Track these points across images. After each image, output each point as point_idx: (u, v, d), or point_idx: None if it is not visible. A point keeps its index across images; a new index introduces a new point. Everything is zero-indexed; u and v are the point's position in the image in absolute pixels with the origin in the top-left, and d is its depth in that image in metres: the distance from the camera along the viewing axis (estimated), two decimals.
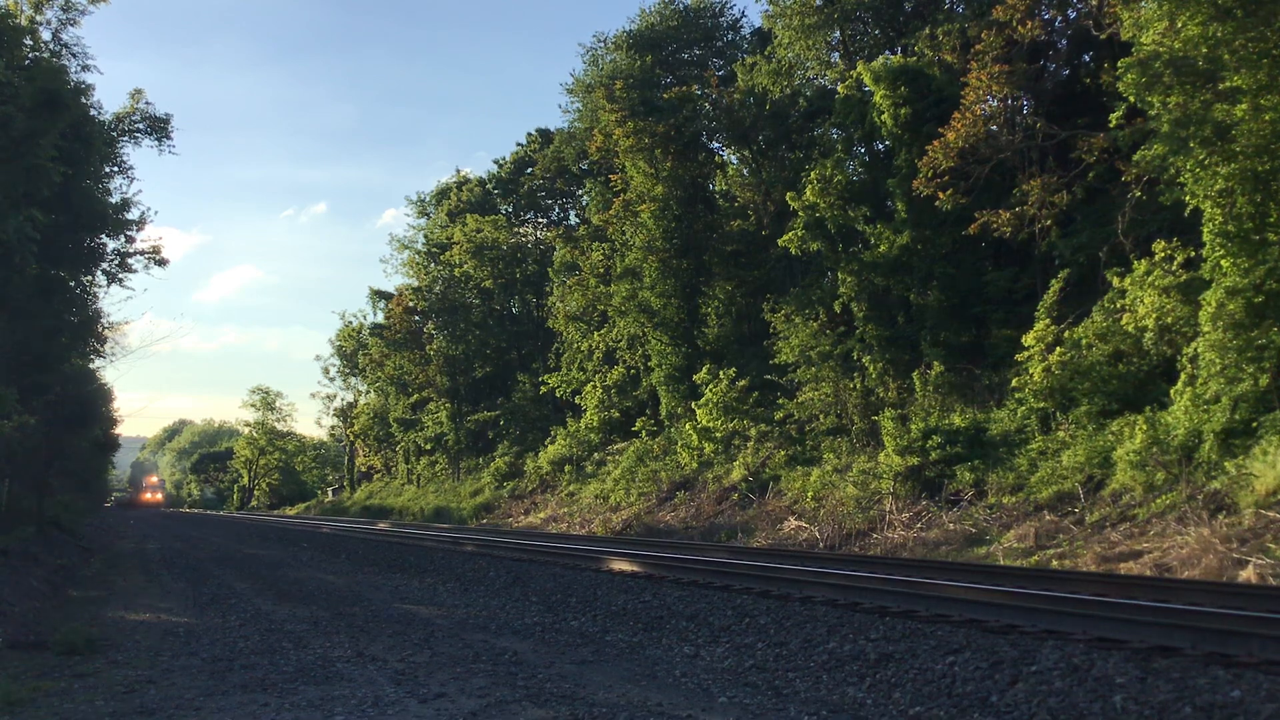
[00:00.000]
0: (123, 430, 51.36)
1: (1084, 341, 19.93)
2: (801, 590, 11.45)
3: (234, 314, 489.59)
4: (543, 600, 13.16)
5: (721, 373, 31.18)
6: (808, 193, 27.92)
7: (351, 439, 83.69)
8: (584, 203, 52.28)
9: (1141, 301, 18.90)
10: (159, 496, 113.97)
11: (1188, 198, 16.54)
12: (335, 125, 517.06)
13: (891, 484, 21.63)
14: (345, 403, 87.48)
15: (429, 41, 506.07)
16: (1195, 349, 16.86)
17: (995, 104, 24.29)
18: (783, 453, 28.08)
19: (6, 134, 17.73)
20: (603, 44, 45.67)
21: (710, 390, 31.03)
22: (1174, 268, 18.55)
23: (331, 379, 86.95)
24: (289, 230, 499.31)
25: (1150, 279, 18.72)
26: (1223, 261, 15.86)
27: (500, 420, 54.01)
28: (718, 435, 30.63)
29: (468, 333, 57.52)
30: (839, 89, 29.77)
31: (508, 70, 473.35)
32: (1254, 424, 15.26)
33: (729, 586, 12.35)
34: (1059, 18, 24.45)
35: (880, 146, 28.93)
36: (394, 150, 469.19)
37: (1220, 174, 15.57)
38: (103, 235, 25.02)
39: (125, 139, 27.43)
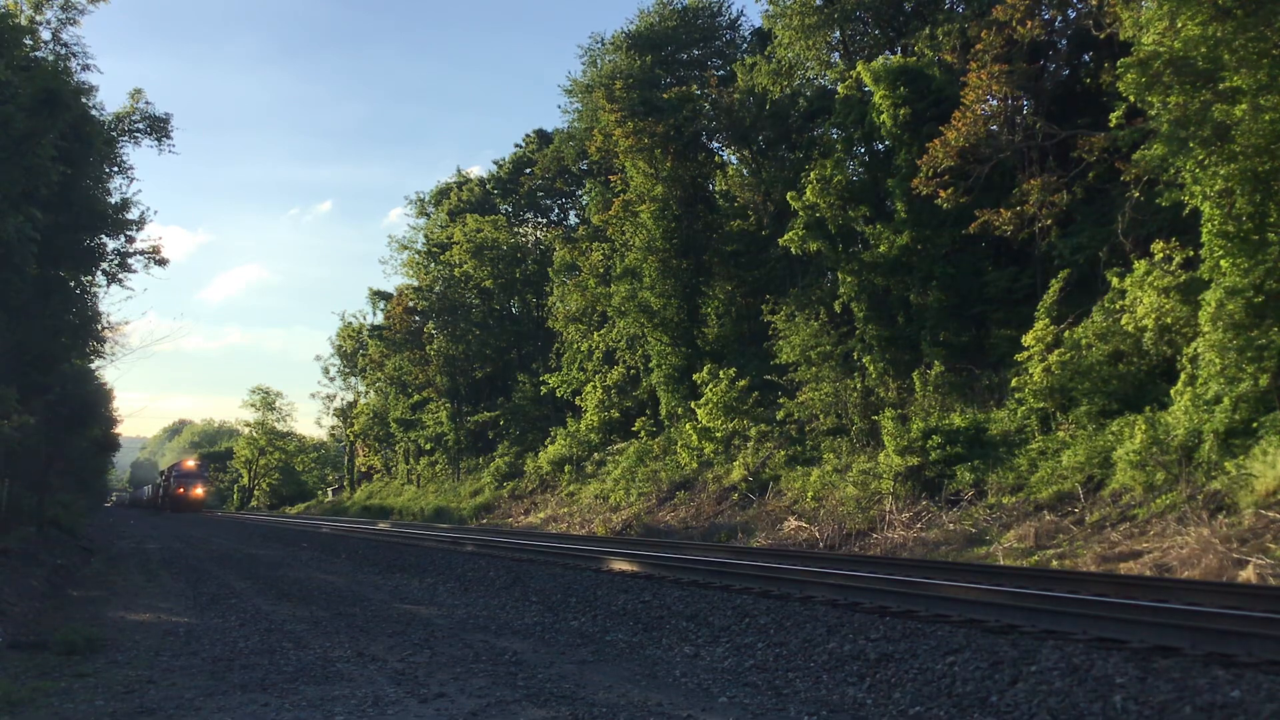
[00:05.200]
0: (123, 430, 51.30)
1: (1084, 341, 19.92)
2: (802, 590, 11.45)
3: (238, 314, 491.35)
4: (543, 600, 13.15)
5: (721, 373, 31.18)
6: (808, 193, 27.92)
7: (351, 439, 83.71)
8: (584, 203, 52.28)
9: (1141, 301, 18.90)
10: (199, 492, 77.93)
11: (1187, 198, 16.54)
12: (343, 124, 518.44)
13: (891, 484, 21.63)
14: (345, 403, 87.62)
15: (439, 40, 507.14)
16: (1195, 349, 16.86)
17: (995, 104, 24.28)
18: (783, 453, 28.07)
19: (6, 134, 17.72)
20: (601, 44, 45.74)
21: (710, 390, 31.03)
22: (1173, 268, 18.56)
23: (331, 379, 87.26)
24: (294, 229, 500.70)
25: (1150, 279, 18.72)
26: (1222, 262, 15.86)
27: (500, 420, 54.02)
28: (718, 435, 30.63)
29: (468, 333, 57.54)
30: (839, 89, 29.77)
31: (518, 69, 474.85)
32: (1254, 424, 15.26)
33: (729, 586, 12.35)
34: (1059, 18, 24.44)
35: (880, 146, 28.93)
36: (401, 149, 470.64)
37: (1220, 174, 15.57)
38: (102, 235, 24.98)
39: (125, 139, 27.41)
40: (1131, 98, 17.23)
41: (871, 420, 25.50)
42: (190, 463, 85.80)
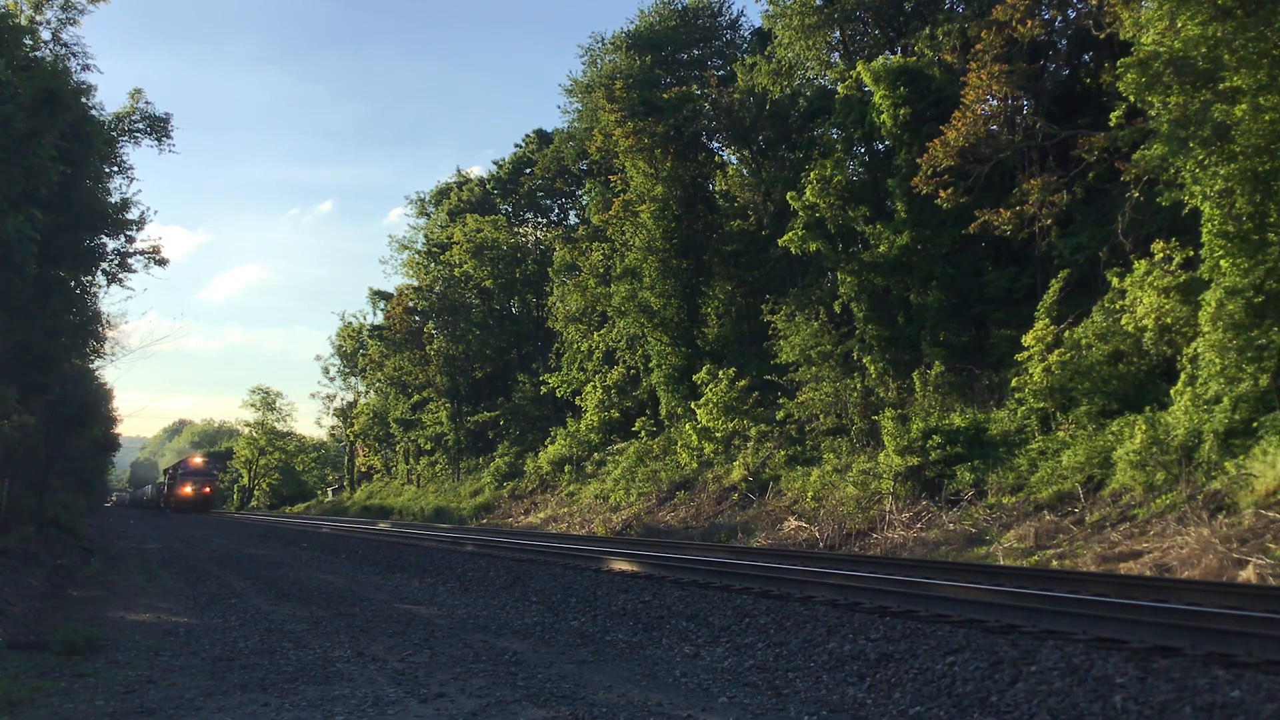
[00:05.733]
0: (123, 430, 51.42)
1: (1084, 341, 19.93)
2: (802, 590, 11.45)
3: (238, 314, 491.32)
4: (543, 600, 13.16)
5: (721, 373, 31.18)
6: (808, 193, 27.92)
7: (351, 439, 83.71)
8: (584, 203, 52.29)
9: (1141, 301, 18.90)
10: (208, 491, 76.37)
11: (1187, 198, 16.54)
12: (343, 124, 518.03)
13: (891, 484, 21.63)
14: (345, 403, 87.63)
15: (439, 40, 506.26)
16: (1195, 349, 16.86)
17: (995, 104, 24.28)
18: (783, 453, 28.07)
19: (6, 134, 17.72)
20: (601, 44, 45.75)
21: (710, 390, 31.03)
22: (1173, 268, 18.57)
23: (331, 379, 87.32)
24: (294, 229, 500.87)
25: (1150, 279, 18.73)
26: (1222, 262, 15.86)
27: (500, 420, 54.02)
28: (718, 435, 30.63)
29: (468, 333, 57.54)
30: (839, 89, 29.77)
31: (518, 69, 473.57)
32: (1254, 424, 15.26)
33: (729, 586, 12.35)
34: (1059, 18, 24.43)
35: (880, 146, 28.93)
36: (402, 149, 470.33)
37: (1220, 174, 15.56)
38: (102, 235, 24.96)
39: (125, 139, 27.38)
40: (1131, 98, 17.23)
41: (871, 420, 25.50)
42: (198, 459, 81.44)
